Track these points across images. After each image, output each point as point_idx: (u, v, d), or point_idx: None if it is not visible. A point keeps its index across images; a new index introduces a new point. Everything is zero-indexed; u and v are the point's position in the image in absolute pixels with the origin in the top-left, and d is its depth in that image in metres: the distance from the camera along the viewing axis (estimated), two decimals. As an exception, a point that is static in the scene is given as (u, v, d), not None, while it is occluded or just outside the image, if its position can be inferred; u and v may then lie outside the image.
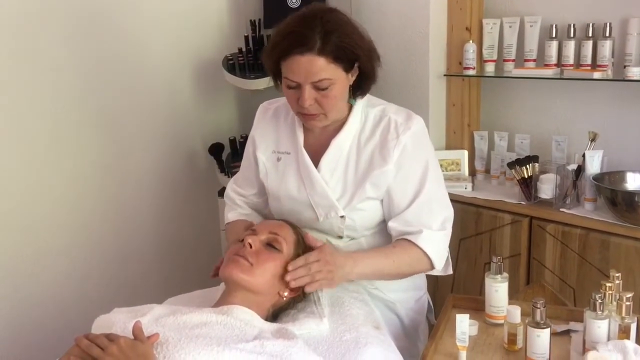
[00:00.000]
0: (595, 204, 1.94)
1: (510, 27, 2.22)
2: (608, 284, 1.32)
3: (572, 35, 2.07)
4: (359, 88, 1.52)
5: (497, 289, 1.46)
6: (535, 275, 2.00)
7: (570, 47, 2.07)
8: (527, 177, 2.02)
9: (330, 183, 1.52)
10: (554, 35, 2.11)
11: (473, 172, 2.34)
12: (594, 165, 1.94)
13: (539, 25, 2.15)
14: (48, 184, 2.27)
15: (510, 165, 2.05)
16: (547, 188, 1.99)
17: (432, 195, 1.51)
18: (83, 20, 2.27)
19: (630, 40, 1.95)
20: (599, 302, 1.26)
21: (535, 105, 2.29)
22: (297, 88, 1.43)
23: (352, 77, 1.48)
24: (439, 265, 1.53)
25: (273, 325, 1.32)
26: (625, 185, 1.95)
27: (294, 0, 2.48)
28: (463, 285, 2.18)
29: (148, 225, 2.59)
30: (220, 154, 2.65)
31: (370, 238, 1.58)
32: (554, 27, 2.10)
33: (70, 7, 2.22)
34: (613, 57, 2.00)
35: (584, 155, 1.95)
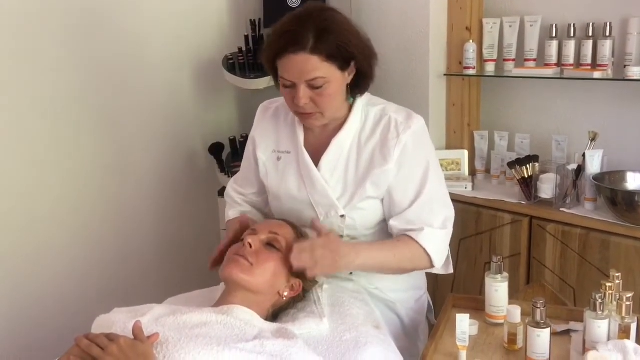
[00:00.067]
0: (596, 204, 1.94)
1: (511, 26, 2.22)
2: (608, 284, 1.32)
3: (572, 35, 2.07)
4: (357, 87, 1.52)
5: (497, 289, 1.46)
6: (536, 275, 2.00)
7: (571, 46, 2.06)
8: (527, 176, 2.02)
9: (331, 182, 1.52)
10: (554, 35, 2.10)
11: (473, 171, 2.34)
12: (594, 165, 1.94)
13: (539, 25, 2.15)
14: (48, 184, 2.27)
15: (511, 165, 2.05)
16: (547, 188, 1.98)
17: (433, 195, 1.51)
18: (83, 20, 2.27)
19: (631, 40, 1.95)
20: (599, 302, 1.26)
21: (536, 105, 2.29)
22: (292, 87, 1.43)
23: (349, 76, 1.47)
24: (439, 264, 1.53)
25: (273, 325, 1.32)
26: (626, 185, 1.95)
27: (294, 0, 2.48)
28: (463, 285, 2.18)
29: (148, 225, 2.59)
30: (221, 154, 2.65)
31: (371, 237, 1.58)
32: (554, 26, 2.10)
33: (70, 7, 2.22)
34: (613, 56, 2.00)
35: (584, 155, 1.95)
